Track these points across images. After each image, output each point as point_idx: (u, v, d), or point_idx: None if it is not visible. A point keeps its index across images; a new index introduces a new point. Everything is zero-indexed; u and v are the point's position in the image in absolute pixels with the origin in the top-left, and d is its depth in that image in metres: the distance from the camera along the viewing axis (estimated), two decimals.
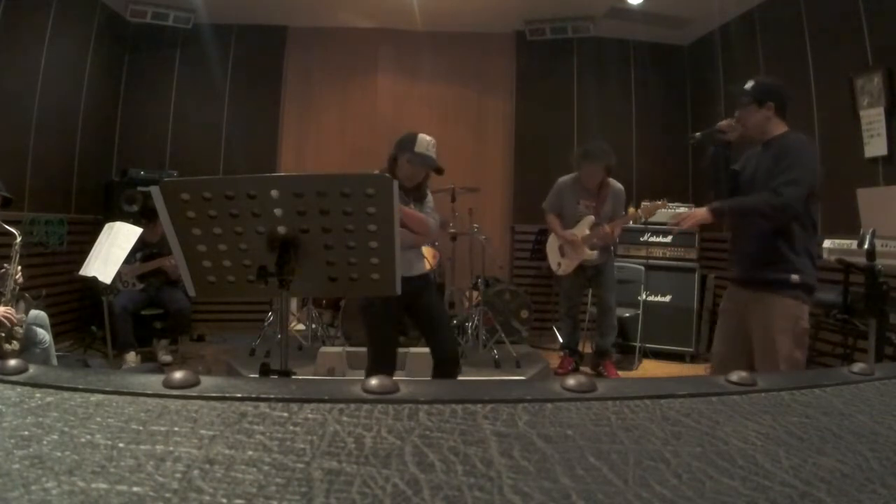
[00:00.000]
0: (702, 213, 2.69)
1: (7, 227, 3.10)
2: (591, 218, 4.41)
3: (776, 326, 2.48)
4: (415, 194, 3.02)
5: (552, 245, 4.64)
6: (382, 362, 2.95)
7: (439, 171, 2.97)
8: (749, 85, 2.62)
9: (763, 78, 2.68)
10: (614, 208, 4.44)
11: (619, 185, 4.48)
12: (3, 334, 2.97)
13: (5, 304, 3.02)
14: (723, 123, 2.68)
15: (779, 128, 2.60)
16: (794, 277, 2.48)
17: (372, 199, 1.75)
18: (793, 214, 2.46)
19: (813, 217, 2.55)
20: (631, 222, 4.55)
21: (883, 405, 0.47)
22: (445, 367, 3.03)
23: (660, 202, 4.21)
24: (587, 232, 4.40)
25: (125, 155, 6.00)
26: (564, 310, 4.73)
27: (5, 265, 3.11)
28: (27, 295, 3.24)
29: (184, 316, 4.93)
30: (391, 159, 3.01)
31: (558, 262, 4.56)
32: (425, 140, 2.93)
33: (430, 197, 3.12)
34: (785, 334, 2.48)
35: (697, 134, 2.89)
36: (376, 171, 3.07)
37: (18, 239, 3.13)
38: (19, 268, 3.13)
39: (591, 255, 4.41)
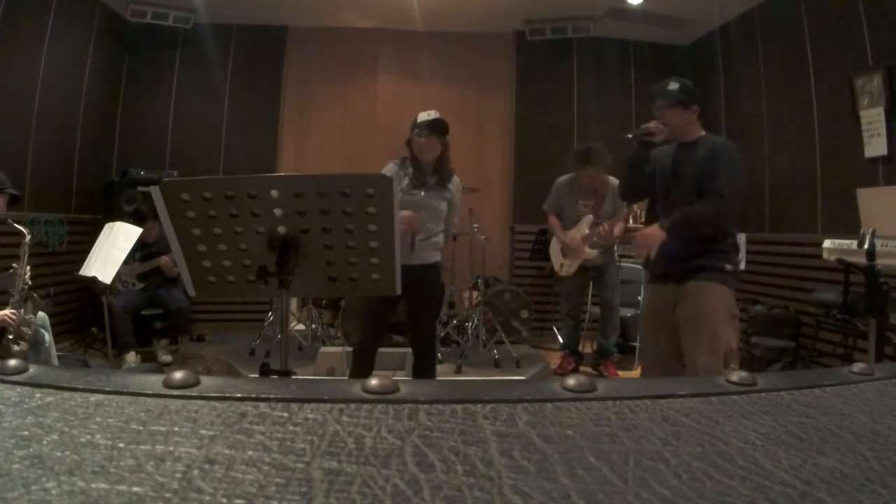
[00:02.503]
0: (659, 234, 2.63)
1: (17, 225, 3.08)
2: (591, 217, 4.42)
3: (716, 311, 2.52)
4: (435, 178, 3.03)
5: (555, 246, 4.65)
6: (369, 334, 3.10)
7: (444, 129, 2.99)
8: (674, 87, 2.65)
9: (684, 80, 2.71)
10: (614, 206, 4.45)
11: (616, 183, 4.49)
12: (10, 336, 2.96)
13: (14, 305, 3.00)
14: (651, 125, 2.70)
15: (699, 130, 2.68)
16: (728, 266, 2.56)
17: (372, 199, 1.75)
18: (736, 213, 2.58)
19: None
20: (632, 221, 4.56)
21: (883, 405, 0.47)
22: (418, 361, 3.14)
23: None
24: (587, 231, 4.41)
25: (125, 155, 6.00)
26: (566, 310, 4.74)
27: (13, 265, 3.09)
28: (35, 295, 3.23)
29: (184, 316, 4.93)
30: (407, 143, 3.08)
31: (561, 262, 4.57)
32: (425, 113, 3.02)
33: (455, 181, 3.13)
34: (723, 320, 2.52)
35: (629, 135, 2.91)
36: (389, 166, 3.11)
37: (27, 238, 3.10)
38: (28, 267, 3.10)
39: (593, 254, 4.42)
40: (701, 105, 2.68)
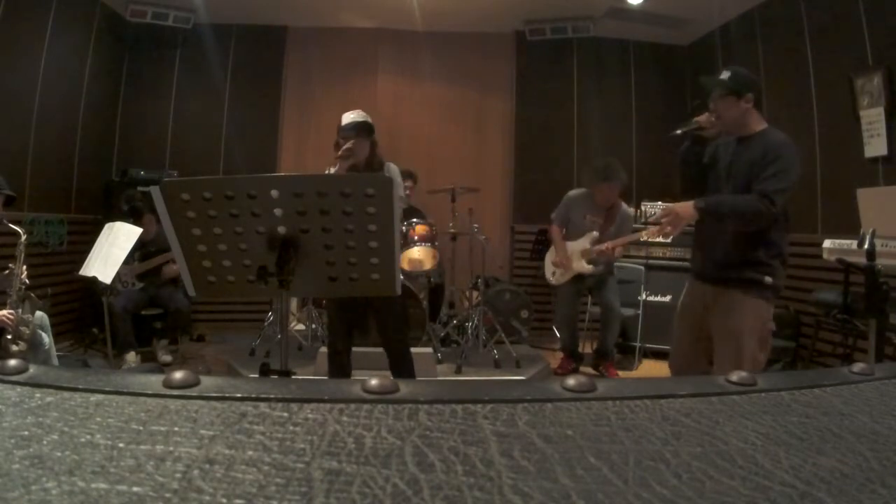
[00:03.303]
0: (689, 212, 2.50)
1: (12, 226, 3.09)
2: (595, 234, 4.43)
3: (745, 327, 2.43)
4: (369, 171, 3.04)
5: (551, 253, 4.68)
6: (337, 335, 3.13)
7: (366, 127, 3.01)
8: (725, 75, 2.51)
9: (737, 68, 2.57)
10: (619, 230, 4.46)
11: (629, 210, 4.55)
12: (9, 336, 2.96)
13: (11, 305, 3.00)
14: (701, 119, 2.56)
15: (758, 122, 2.51)
16: (767, 279, 2.43)
17: (372, 199, 1.75)
18: (774, 220, 2.41)
19: (788, 216, 2.50)
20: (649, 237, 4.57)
21: (883, 405, 0.47)
22: (392, 360, 3.13)
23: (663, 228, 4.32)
24: (587, 246, 4.43)
25: (125, 155, 6.00)
26: (560, 318, 4.74)
27: (10, 265, 3.09)
28: (33, 295, 3.23)
29: (184, 316, 4.93)
30: (335, 146, 3.06)
31: (553, 270, 4.60)
32: (349, 114, 3.06)
33: (388, 169, 3.10)
34: (752, 336, 2.42)
35: (678, 131, 2.71)
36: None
37: (23, 238, 3.10)
38: (24, 267, 3.11)
39: (588, 269, 4.44)
40: (757, 93, 2.50)
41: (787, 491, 0.33)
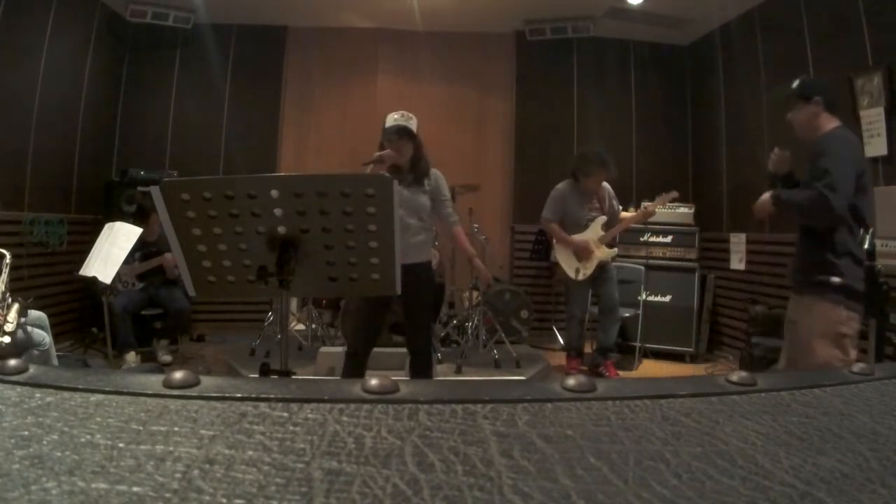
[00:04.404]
0: (765, 200, 2.64)
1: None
2: (603, 218, 4.48)
3: (815, 331, 2.43)
4: (412, 176, 3.08)
5: (564, 252, 4.57)
6: (362, 337, 3.12)
7: (410, 133, 3.04)
8: (794, 84, 2.61)
9: (807, 77, 2.70)
10: (612, 209, 4.59)
11: (608, 187, 4.58)
12: None
13: None
14: (772, 159, 2.66)
15: (829, 123, 2.55)
16: (835, 280, 2.43)
17: (372, 199, 1.75)
18: (836, 218, 2.41)
19: (862, 215, 2.48)
20: (659, 206, 4.71)
21: (883, 405, 0.47)
22: (413, 359, 3.16)
23: (673, 193, 4.54)
24: (602, 233, 4.44)
25: (125, 155, 6.00)
26: (578, 317, 4.63)
27: None
28: (20, 299, 3.27)
29: (184, 316, 4.93)
30: (380, 146, 3.11)
31: (577, 267, 4.48)
32: (392, 115, 3.08)
33: (434, 175, 3.16)
34: (823, 340, 2.42)
35: (768, 179, 2.87)
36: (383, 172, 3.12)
37: (8, 258, 3.27)
38: (6, 280, 3.24)
39: (612, 253, 4.48)
40: (829, 95, 2.56)
41: (787, 491, 0.33)
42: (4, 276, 3.23)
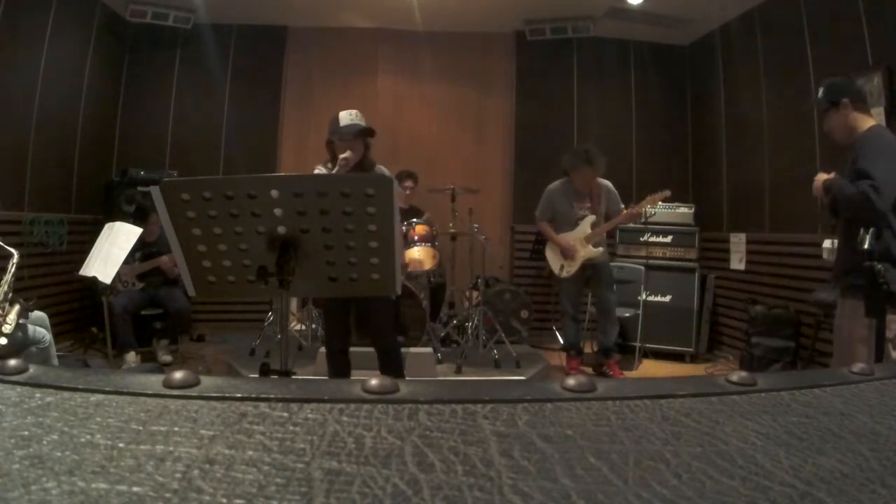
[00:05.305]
0: (820, 179, 2.64)
1: (7, 248, 3.23)
2: (593, 217, 4.49)
3: (854, 334, 2.44)
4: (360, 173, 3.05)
5: (552, 249, 4.67)
6: (332, 335, 3.18)
7: (369, 132, 3.01)
8: (820, 92, 2.60)
9: (829, 80, 2.65)
10: (609, 204, 4.56)
11: (608, 182, 4.57)
12: None
13: None
14: (815, 191, 2.67)
15: (864, 122, 2.55)
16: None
17: (372, 199, 1.75)
18: (880, 218, 2.41)
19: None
20: (649, 207, 4.66)
21: (883, 405, 0.47)
22: (380, 358, 3.14)
23: (666, 192, 4.43)
24: (589, 231, 4.46)
25: (125, 155, 6.00)
26: (570, 313, 4.71)
27: None
28: (22, 300, 3.27)
29: (184, 316, 4.93)
30: (327, 145, 3.07)
31: (561, 264, 4.58)
32: (347, 114, 3.01)
33: (379, 169, 3.10)
34: (862, 344, 2.42)
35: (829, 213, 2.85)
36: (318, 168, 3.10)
37: (16, 257, 3.27)
38: (12, 280, 3.24)
39: (597, 252, 4.47)
40: (856, 94, 2.56)
41: (787, 491, 0.33)
42: (10, 275, 3.23)
